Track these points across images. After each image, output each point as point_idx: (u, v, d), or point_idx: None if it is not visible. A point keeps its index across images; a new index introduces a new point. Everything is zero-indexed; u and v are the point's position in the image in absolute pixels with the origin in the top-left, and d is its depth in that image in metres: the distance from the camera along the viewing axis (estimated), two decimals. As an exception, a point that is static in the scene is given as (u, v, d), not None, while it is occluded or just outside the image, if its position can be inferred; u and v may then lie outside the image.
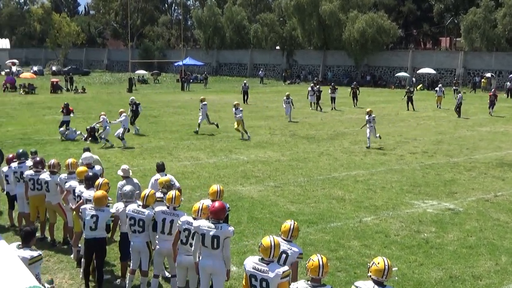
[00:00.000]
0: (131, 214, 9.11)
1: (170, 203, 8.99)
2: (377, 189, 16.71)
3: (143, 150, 22.50)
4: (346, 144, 24.77)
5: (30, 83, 52.99)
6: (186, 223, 8.45)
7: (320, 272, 6.32)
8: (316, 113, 36.54)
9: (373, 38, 67.11)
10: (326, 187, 16.83)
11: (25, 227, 7.82)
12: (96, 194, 9.48)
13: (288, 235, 7.54)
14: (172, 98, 46.47)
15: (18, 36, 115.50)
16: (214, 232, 7.86)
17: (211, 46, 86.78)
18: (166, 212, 8.95)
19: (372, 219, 13.74)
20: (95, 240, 9.34)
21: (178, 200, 9.04)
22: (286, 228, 7.57)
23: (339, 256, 11.13)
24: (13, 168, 12.59)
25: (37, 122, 29.56)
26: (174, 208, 8.99)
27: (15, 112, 35.47)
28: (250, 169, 19.31)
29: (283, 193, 16.06)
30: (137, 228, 9.09)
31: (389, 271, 6.24)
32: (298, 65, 78.12)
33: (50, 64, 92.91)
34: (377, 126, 25.00)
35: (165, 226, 8.90)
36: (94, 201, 9.43)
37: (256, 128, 29.17)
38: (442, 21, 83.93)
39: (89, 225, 9.32)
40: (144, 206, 9.18)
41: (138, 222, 9.07)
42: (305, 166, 19.93)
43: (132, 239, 9.23)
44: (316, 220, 13.58)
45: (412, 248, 11.71)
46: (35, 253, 7.21)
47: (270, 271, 6.63)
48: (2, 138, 24.51)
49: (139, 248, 9.21)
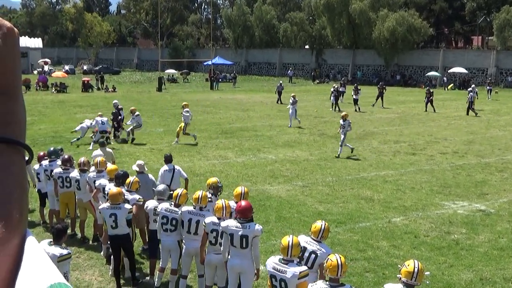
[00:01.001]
0: (164, 212, 9.15)
1: (197, 203, 9.00)
2: (407, 189, 16.56)
3: (172, 149, 22.62)
4: (375, 143, 24.59)
5: (61, 82, 53.68)
6: (212, 224, 8.46)
7: (338, 271, 6.32)
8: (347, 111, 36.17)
9: (404, 37, 66.46)
10: (355, 187, 16.73)
11: (57, 224, 7.94)
12: (111, 192, 9.56)
13: (318, 236, 7.55)
14: (201, 97, 46.67)
15: (50, 36, 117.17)
16: (243, 232, 7.88)
17: (240, 45, 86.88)
18: (192, 212, 8.98)
19: (401, 219, 13.63)
20: (118, 237, 9.45)
21: (205, 200, 9.07)
22: (317, 229, 7.56)
23: (367, 257, 11.06)
24: (43, 166, 12.77)
25: (69, 120, 29.95)
26: (201, 208, 9.00)
27: (47, 110, 36.00)
28: (278, 168, 19.30)
29: (311, 193, 16.01)
30: (169, 227, 9.14)
31: (420, 274, 6.19)
32: (327, 64, 77.78)
33: (81, 63, 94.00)
34: (407, 126, 24.77)
35: (191, 226, 8.93)
36: (109, 198, 9.53)
37: (285, 127, 29.14)
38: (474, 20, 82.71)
39: (110, 224, 9.44)
40: (176, 205, 9.22)
41: (171, 221, 9.11)
42: (334, 165, 19.84)
43: (162, 237, 9.28)
44: (344, 220, 13.52)
45: (442, 250, 11.58)
46: (64, 251, 7.31)
47: (288, 272, 6.63)
48: (34, 136, 24.90)
49: (170, 246, 9.26)
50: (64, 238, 7.52)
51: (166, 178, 12.07)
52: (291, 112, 29.57)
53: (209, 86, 59.14)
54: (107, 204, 9.54)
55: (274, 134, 26.81)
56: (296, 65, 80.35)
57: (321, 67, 77.81)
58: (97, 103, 40.14)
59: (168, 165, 12.36)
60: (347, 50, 75.31)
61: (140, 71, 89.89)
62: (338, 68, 75.96)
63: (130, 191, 9.85)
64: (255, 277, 8.19)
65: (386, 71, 70.76)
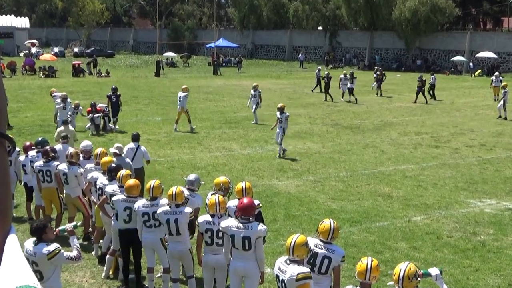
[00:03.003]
0: (142, 209, 9.18)
1: (171, 200, 8.98)
2: (428, 185, 16.54)
3: (171, 140, 22.68)
4: (394, 135, 24.55)
5: (50, 65, 53.80)
6: (205, 223, 8.46)
7: (367, 275, 6.35)
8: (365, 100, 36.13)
9: (427, 18, 66.09)
10: (371, 183, 16.73)
11: (35, 222, 7.94)
12: (128, 183, 9.60)
13: (328, 236, 7.40)
14: (203, 83, 46.70)
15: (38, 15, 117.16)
16: (244, 233, 7.83)
17: (247, 26, 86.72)
18: (168, 212, 8.95)
19: (422, 218, 13.62)
20: (129, 231, 9.51)
21: (181, 196, 9.05)
22: (326, 229, 7.41)
23: (384, 259, 11.05)
24: (30, 157, 12.73)
25: (58, 108, 30.04)
26: (177, 206, 8.98)
27: (34, 96, 36.09)
28: (288, 161, 19.31)
29: (324, 189, 16.02)
30: (153, 222, 9.20)
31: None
32: (342, 47, 77.58)
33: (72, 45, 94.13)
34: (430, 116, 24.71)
35: (171, 227, 8.91)
36: (125, 190, 9.56)
37: (295, 116, 29.09)
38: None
39: (123, 218, 9.49)
40: (153, 198, 9.30)
41: (153, 216, 9.15)
42: (348, 159, 19.83)
43: (144, 235, 9.31)
44: (359, 219, 13.52)
45: (467, 252, 11.56)
46: (51, 247, 7.34)
47: (287, 272, 6.64)
48: (21, 125, 25.00)
49: (152, 244, 9.30)
50: (47, 235, 7.51)
51: (129, 156, 13.38)
52: (254, 107, 27.24)
53: (211, 71, 59.15)
54: (122, 196, 9.57)
55: (283, 124, 26.78)
56: (308, 48, 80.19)
57: (335, 51, 77.61)
58: (89, 89, 40.23)
59: (134, 143, 13.91)
60: (364, 32, 75.04)
61: (136, 54, 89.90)
62: (354, 52, 75.77)
63: (123, 186, 9.84)
64: (259, 281, 8.19)
65: (407, 55, 70.50)
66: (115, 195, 9.77)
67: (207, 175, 16.52)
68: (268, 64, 74.09)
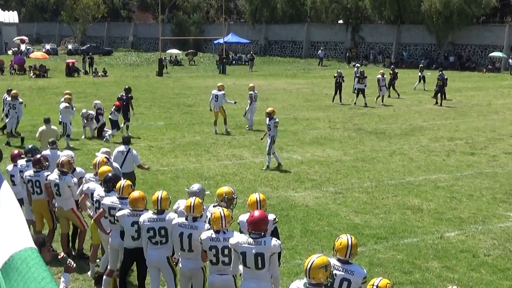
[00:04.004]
0: (148, 224, 9.10)
1: (189, 211, 8.88)
2: (463, 197, 16.47)
3: (175, 147, 22.73)
4: (424, 141, 24.49)
5: (42, 64, 54.05)
6: (209, 240, 8.34)
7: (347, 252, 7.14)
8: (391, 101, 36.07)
9: (460, 10, 65.96)
10: (399, 194, 16.68)
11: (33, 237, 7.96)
12: (132, 196, 9.52)
13: (346, 254, 7.28)
14: (211, 83, 46.62)
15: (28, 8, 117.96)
16: (257, 249, 7.76)
17: (259, 20, 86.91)
18: (184, 224, 8.88)
19: (456, 234, 13.56)
20: (137, 251, 9.48)
21: (200, 208, 8.93)
22: (343, 245, 7.27)
23: (414, 280, 11.01)
24: (19, 167, 12.71)
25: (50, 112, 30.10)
26: (195, 219, 8.91)
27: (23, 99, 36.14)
28: (305, 170, 19.30)
29: (345, 201, 15.99)
30: (159, 239, 9.13)
31: None
32: (366, 43, 77.61)
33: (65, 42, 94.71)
34: (464, 119, 24.61)
35: (183, 242, 8.85)
36: (130, 203, 9.49)
37: (313, 120, 29.12)
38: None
39: (131, 234, 9.44)
40: (160, 212, 9.24)
41: (159, 232, 9.10)
42: (373, 168, 19.80)
43: (149, 252, 9.26)
44: (386, 235, 13.48)
45: (507, 272, 11.51)
46: None
47: None
48: (8, 131, 25.07)
49: (158, 263, 9.26)
50: (44, 252, 7.52)
51: (118, 160, 14.10)
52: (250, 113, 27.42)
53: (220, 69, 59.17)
54: (127, 211, 9.48)
55: (300, 129, 26.81)
56: (327, 44, 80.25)
57: (358, 47, 77.62)
58: (84, 90, 40.40)
59: (124, 146, 14.60)
60: (390, 25, 75.00)
61: (137, 52, 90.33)
62: (379, 48, 75.74)
63: (123, 197, 9.82)
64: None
65: (438, 51, 70.39)
66: (114, 208, 9.74)
67: (215, 185, 16.51)
68: (283, 61, 74.18)
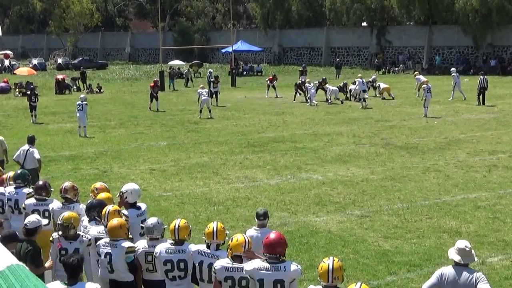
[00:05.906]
0: (165, 256, 9.09)
1: (211, 239, 8.87)
2: (507, 218, 16.41)
3: (180, 169, 22.78)
4: (462, 155, 24.44)
5: (28, 81, 54.31)
6: (224, 270, 8.34)
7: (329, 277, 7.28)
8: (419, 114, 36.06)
9: (500, 7, 65.85)
10: (434, 216, 16.64)
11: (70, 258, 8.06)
12: (110, 223, 9.54)
13: (328, 279, 7.44)
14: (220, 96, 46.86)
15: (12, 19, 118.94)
16: (275, 275, 7.83)
17: (272, 24, 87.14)
18: (204, 253, 8.88)
19: (500, 259, 13.52)
20: (117, 283, 9.49)
21: (223, 234, 8.92)
22: (324, 270, 7.45)
23: (453, 312, 11.00)
24: (7, 195, 12.72)
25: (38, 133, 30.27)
26: (218, 247, 8.91)
27: (8, 120, 36.50)
28: (327, 192, 19.28)
29: (373, 225, 15.97)
30: (178, 273, 9.10)
31: None
32: (393, 47, 77.64)
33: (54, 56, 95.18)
34: (507, 130, 24.48)
35: (203, 272, 8.86)
36: (108, 232, 9.53)
37: (336, 135, 29.13)
38: None
39: (104, 265, 9.49)
40: (179, 242, 9.26)
41: (178, 265, 9.06)
42: (404, 187, 19.76)
43: None
44: (420, 262, 13.45)
45: (558, 301, 11.48)
46: None
47: None
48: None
49: None
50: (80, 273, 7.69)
51: (20, 158, 18.06)
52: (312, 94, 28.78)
53: (229, 81, 59.26)
54: (106, 239, 9.55)
55: (320, 145, 26.81)
56: (350, 49, 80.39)
57: (385, 52, 77.63)
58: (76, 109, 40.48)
59: (30, 146, 18.21)
60: (421, 27, 75.09)
61: (135, 64, 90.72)
62: (408, 52, 75.72)
63: None
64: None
65: (476, 54, 70.31)
66: (101, 238, 9.79)
67: (225, 212, 16.57)
68: (300, 71, 74.25)
